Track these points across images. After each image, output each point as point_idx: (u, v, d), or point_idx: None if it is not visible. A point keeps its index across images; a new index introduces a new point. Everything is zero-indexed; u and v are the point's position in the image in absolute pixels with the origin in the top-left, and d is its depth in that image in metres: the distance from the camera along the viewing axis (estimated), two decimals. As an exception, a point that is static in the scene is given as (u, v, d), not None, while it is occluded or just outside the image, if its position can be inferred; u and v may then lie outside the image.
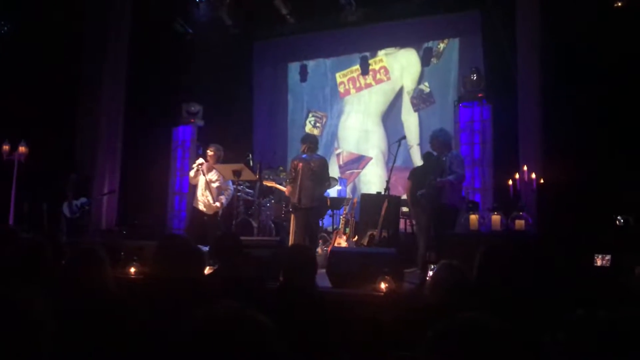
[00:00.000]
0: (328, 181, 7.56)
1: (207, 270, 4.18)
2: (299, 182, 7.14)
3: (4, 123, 9.05)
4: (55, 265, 3.37)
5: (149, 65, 10.23)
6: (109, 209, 10.16)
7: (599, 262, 5.19)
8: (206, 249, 4.63)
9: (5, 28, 9.52)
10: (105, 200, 10.04)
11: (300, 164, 7.20)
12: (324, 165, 7.27)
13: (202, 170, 7.83)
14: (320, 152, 11.29)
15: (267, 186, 9.12)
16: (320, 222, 9.37)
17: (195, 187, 8.13)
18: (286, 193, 7.65)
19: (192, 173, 7.94)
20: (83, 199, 9.40)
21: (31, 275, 3.13)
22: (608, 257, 5.12)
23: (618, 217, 6.02)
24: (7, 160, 8.97)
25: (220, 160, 7.96)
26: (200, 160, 7.91)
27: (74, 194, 9.34)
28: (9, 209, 8.89)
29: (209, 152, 7.93)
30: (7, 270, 3.37)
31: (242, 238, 4.84)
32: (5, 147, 8.95)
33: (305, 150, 7.31)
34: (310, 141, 7.45)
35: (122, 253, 6.35)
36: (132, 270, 6.13)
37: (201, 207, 7.93)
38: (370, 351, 2.39)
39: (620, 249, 5.03)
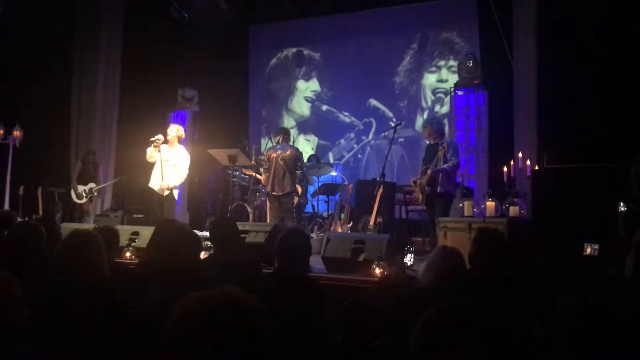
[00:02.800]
0: (301, 170, 7.72)
1: (203, 256, 4.20)
2: (272, 172, 7.37)
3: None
4: (50, 249, 3.38)
5: (144, 49, 10.17)
6: (104, 193, 10.16)
7: (588, 251, 5.23)
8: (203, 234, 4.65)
9: (2, 9, 9.42)
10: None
11: (274, 155, 7.43)
12: (295, 155, 7.49)
13: (159, 147, 7.39)
14: (315, 138, 11.42)
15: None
16: (314, 207, 9.42)
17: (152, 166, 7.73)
18: (262, 182, 7.85)
19: (149, 150, 7.51)
20: (92, 184, 9.37)
21: (26, 259, 3.14)
22: (597, 246, 5.17)
23: (621, 204, 5.99)
24: (1, 144, 8.94)
25: (181, 140, 7.79)
26: (160, 136, 7.45)
27: (80, 180, 9.34)
28: (4, 193, 8.88)
29: (171, 132, 7.64)
30: (2, 255, 3.38)
31: (238, 223, 4.86)
32: (0, 131, 8.92)
33: (280, 141, 7.56)
34: (284, 132, 7.73)
35: (119, 238, 6.34)
36: (128, 255, 6.14)
37: (154, 186, 7.60)
38: (363, 336, 2.41)
39: (612, 238, 5.05)
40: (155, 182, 7.60)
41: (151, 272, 2.79)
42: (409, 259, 5.70)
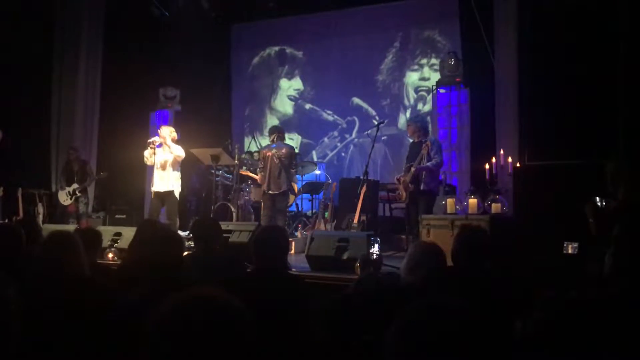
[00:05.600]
0: (295, 168, 7.82)
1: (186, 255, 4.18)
2: (268, 170, 7.37)
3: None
4: (29, 250, 3.34)
5: (125, 49, 10.09)
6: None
7: (569, 250, 5.28)
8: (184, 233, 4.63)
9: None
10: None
11: (269, 153, 7.44)
12: (291, 154, 7.54)
13: (155, 149, 7.36)
14: (299, 136, 11.40)
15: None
16: (298, 206, 9.42)
17: (151, 169, 7.67)
18: (258, 180, 7.86)
19: (146, 153, 7.44)
20: (75, 185, 9.28)
21: (4, 261, 3.10)
22: (576, 245, 5.22)
23: (597, 199, 6.02)
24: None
25: (174, 140, 7.56)
26: (155, 138, 7.44)
27: (67, 180, 9.24)
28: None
29: (164, 133, 7.48)
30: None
31: (221, 223, 4.84)
32: (-21, 132, 8.79)
33: (275, 140, 7.56)
34: (279, 131, 7.73)
35: (101, 239, 6.27)
36: (111, 256, 6.10)
37: (156, 188, 7.50)
38: (345, 334, 2.41)
39: (591, 236, 5.07)
40: (156, 185, 7.48)
41: (132, 273, 2.77)
42: (376, 250, 5.61)
